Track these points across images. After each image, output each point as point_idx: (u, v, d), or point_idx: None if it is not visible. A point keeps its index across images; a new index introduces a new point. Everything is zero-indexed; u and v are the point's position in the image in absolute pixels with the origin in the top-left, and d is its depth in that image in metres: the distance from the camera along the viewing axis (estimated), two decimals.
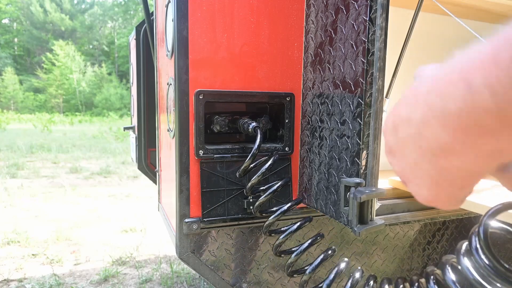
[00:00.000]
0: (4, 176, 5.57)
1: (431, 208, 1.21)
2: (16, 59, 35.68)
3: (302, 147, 1.09)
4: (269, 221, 0.98)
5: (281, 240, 0.97)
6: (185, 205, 1.02)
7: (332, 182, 0.94)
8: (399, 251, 1.34)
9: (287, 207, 0.97)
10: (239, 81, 1.02)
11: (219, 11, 0.98)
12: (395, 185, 1.22)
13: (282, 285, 1.20)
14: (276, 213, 0.97)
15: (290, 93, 1.07)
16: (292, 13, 1.05)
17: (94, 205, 4.11)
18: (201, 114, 0.99)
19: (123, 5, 39.40)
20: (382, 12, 0.79)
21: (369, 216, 0.85)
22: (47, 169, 6.30)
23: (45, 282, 2.32)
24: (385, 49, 0.82)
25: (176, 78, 0.97)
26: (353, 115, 0.86)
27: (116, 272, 2.47)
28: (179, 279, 2.41)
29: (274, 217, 0.97)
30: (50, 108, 31.17)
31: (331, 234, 1.22)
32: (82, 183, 5.26)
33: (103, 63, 35.63)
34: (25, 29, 35.76)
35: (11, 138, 10.74)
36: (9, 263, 2.58)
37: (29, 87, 32.16)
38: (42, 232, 3.20)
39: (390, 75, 1.09)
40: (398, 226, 1.32)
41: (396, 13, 1.37)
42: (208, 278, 1.10)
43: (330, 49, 0.94)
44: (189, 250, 1.06)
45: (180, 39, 0.95)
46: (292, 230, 0.97)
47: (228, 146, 1.05)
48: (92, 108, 31.11)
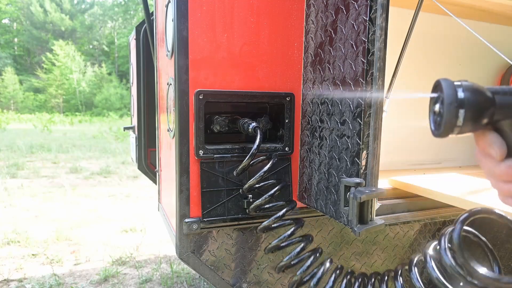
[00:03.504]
0: (4, 176, 5.57)
1: (431, 208, 1.21)
2: (16, 59, 35.68)
3: (302, 147, 1.09)
4: (263, 225, 1.00)
5: (274, 245, 0.99)
6: (185, 205, 1.02)
7: (332, 182, 0.94)
8: (399, 251, 1.34)
9: (282, 214, 0.99)
10: (239, 81, 1.02)
11: (219, 11, 0.98)
12: (395, 185, 1.22)
13: (282, 285, 1.20)
14: (270, 218, 0.99)
15: (290, 93, 1.07)
16: (292, 13, 1.05)
17: (94, 205, 4.10)
18: (201, 114, 0.99)
19: (123, 5, 39.40)
20: (382, 12, 0.79)
21: (369, 216, 0.85)
22: (47, 169, 6.29)
23: (45, 282, 2.32)
24: (385, 49, 0.82)
25: (176, 78, 0.97)
26: (353, 115, 0.86)
27: (116, 272, 2.46)
28: (179, 279, 2.41)
29: (269, 222, 0.99)
30: (50, 108, 31.17)
31: (331, 234, 1.22)
32: (82, 183, 5.26)
33: (103, 63, 35.63)
34: (25, 29, 35.77)
35: (11, 138, 10.74)
36: (9, 263, 2.58)
37: (29, 87, 32.15)
38: (42, 232, 3.20)
39: (390, 75, 1.09)
40: (398, 226, 1.32)
41: (396, 13, 1.37)
42: (208, 278, 1.10)
43: (330, 49, 0.94)
44: (189, 250, 1.06)
45: (180, 39, 0.95)
46: (286, 236, 0.99)
47: (228, 146, 1.05)
48: (92, 108, 31.10)
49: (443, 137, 0.41)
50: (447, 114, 0.39)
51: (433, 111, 0.42)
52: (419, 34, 1.44)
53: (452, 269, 0.48)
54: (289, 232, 0.99)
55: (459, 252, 0.45)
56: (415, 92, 1.52)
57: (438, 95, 0.41)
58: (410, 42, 1.11)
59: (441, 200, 1.06)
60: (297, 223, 1.02)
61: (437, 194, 1.08)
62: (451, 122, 0.39)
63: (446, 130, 0.40)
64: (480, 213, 0.49)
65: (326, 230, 1.21)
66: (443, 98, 0.40)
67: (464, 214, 0.48)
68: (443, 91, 0.40)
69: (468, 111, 0.39)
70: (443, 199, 1.06)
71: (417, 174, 1.41)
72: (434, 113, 0.42)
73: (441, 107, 0.40)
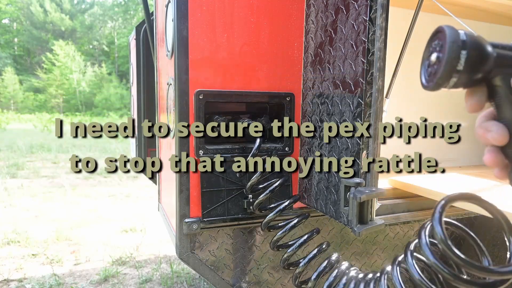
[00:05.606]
0: (4, 176, 5.57)
1: (431, 208, 1.21)
2: (16, 59, 35.66)
3: (302, 147, 1.09)
4: (268, 218, 0.98)
5: (279, 236, 0.98)
6: (185, 205, 1.02)
7: (332, 182, 0.94)
8: (399, 251, 1.34)
9: (287, 204, 0.98)
10: (239, 81, 1.02)
11: (219, 11, 0.98)
12: (395, 185, 1.22)
13: (282, 285, 1.20)
14: (275, 210, 0.98)
15: (290, 93, 1.07)
16: (292, 13, 1.05)
17: (94, 205, 4.10)
18: (201, 114, 0.99)
19: (123, 5, 39.38)
20: (382, 12, 0.79)
21: (369, 216, 0.85)
22: (47, 169, 6.29)
23: (45, 282, 2.32)
24: (385, 49, 0.82)
25: (176, 78, 0.97)
26: (353, 115, 0.86)
27: (116, 272, 2.46)
28: (179, 279, 2.41)
29: (273, 214, 0.98)
30: (50, 108, 31.16)
31: (331, 234, 1.22)
32: (82, 183, 5.26)
33: (103, 63, 35.61)
34: (25, 29, 35.75)
35: (11, 138, 10.73)
36: (9, 263, 2.58)
37: (29, 87, 32.13)
38: (42, 232, 3.20)
39: (390, 75, 1.09)
40: (398, 226, 1.32)
41: (396, 13, 1.37)
42: (208, 278, 1.10)
43: (330, 49, 0.94)
44: (189, 250, 1.06)
45: (180, 39, 0.95)
46: (291, 226, 0.98)
47: (228, 146, 1.05)
48: (92, 108, 31.09)
49: (436, 89, 0.39)
50: (449, 53, 0.37)
51: (429, 61, 0.40)
52: (419, 34, 1.44)
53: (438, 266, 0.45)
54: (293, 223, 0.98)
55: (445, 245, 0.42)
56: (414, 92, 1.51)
57: (437, 42, 0.39)
58: (410, 42, 1.11)
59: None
60: (303, 216, 1.01)
61: (437, 194, 1.08)
62: (451, 64, 0.37)
63: (443, 76, 0.38)
64: (458, 198, 0.46)
65: (326, 230, 1.21)
66: (443, 43, 0.38)
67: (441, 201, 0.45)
68: (445, 32, 0.38)
69: (470, 53, 0.37)
70: None
71: (417, 174, 1.41)
72: (429, 64, 0.40)
73: (439, 55, 0.38)
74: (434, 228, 0.42)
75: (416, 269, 0.57)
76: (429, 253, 0.46)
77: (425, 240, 0.47)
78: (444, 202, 0.44)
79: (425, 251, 0.46)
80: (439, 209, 0.43)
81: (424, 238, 0.47)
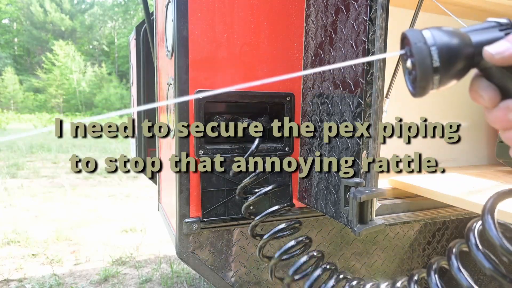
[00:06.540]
0: (4, 176, 5.57)
1: (431, 208, 1.21)
2: (16, 59, 35.66)
3: (302, 147, 1.09)
4: (254, 222, 0.95)
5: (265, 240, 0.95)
6: (185, 205, 1.02)
7: (332, 182, 0.94)
8: (399, 251, 1.34)
9: (274, 209, 0.95)
10: (239, 81, 1.02)
11: (219, 11, 0.98)
12: (395, 185, 1.22)
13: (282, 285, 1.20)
14: (260, 215, 0.94)
15: (290, 93, 1.07)
16: (292, 13, 1.05)
17: (94, 205, 4.10)
18: (201, 114, 0.99)
19: (123, 5, 39.36)
20: (382, 12, 0.79)
21: (369, 216, 0.85)
22: (47, 169, 6.29)
23: (45, 282, 2.32)
24: (385, 49, 0.82)
25: (176, 78, 0.97)
26: (353, 115, 0.86)
27: (116, 272, 2.46)
28: (179, 279, 2.41)
29: (259, 219, 0.94)
30: (50, 108, 31.16)
31: (331, 234, 1.22)
32: (82, 183, 5.26)
33: (103, 63, 35.60)
34: (25, 29, 35.74)
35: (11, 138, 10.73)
36: (9, 263, 2.58)
37: (29, 87, 32.13)
38: (42, 232, 3.20)
39: (390, 75, 1.09)
40: (398, 226, 1.32)
41: (396, 13, 1.37)
42: (208, 278, 1.10)
43: (330, 49, 0.94)
44: (189, 250, 1.06)
45: (180, 39, 0.95)
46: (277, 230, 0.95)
47: (228, 146, 1.05)
48: (92, 108, 31.09)
49: (423, 93, 0.38)
50: (418, 54, 0.36)
51: (407, 70, 0.39)
52: None
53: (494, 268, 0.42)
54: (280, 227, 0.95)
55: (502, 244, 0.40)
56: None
57: (406, 49, 0.39)
58: None
59: (441, 200, 1.06)
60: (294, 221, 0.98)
61: (437, 194, 1.08)
62: (425, 64, 0.36)
63: (423, 78, 0.37)
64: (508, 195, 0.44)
65: (326, 230, 1.21)
66: (410, 48, 0.37)
67: (489, 200, 0.42)
68: (408, 36, 0.37)
69: (440, 48, 0.36)
70: (443, 199, 1.06)
71: (417, 174, 1.41)
72: (409, 72, 0.39)
73: (412, 59, 0.37)
74: (488, 231, 0.40)
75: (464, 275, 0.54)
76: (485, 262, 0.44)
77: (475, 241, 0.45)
78: (493, 199, 0.42)
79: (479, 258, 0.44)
80: (489, 209, 0.41)
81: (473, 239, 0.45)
